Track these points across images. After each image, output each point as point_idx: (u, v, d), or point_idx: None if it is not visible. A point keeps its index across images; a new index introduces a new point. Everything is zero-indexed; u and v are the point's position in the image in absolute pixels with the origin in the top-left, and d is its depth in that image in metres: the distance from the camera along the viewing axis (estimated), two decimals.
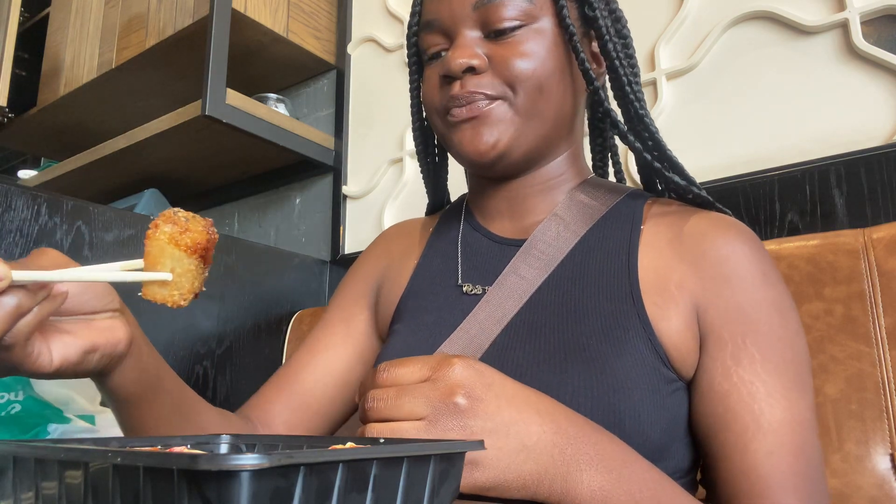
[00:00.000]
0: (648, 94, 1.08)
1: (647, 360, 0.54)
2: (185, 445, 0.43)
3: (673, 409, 0.54)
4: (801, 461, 0.51)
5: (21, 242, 0.96)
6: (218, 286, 1.23)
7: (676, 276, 0.58)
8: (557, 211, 0.65)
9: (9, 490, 0.34)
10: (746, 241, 0.58)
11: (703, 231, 0.59)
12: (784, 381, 0.52)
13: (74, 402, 0.70)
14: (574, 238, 0.63)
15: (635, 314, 0.56)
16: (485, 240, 0.68)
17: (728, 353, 0.54)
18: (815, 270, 0.75)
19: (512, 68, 0.60)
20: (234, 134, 1.39)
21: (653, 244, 0.60)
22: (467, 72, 0.61)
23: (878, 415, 0.69)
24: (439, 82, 0.63)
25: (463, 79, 0.61)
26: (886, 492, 0.67)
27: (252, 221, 1.72)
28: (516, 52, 0.60)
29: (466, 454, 0.38)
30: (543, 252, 0.62)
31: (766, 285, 0.56)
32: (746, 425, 0.52)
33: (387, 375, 0.46)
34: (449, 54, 0.61)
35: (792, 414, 0.52)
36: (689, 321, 0.56)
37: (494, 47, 0.61)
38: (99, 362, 0.49)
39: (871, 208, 0.86)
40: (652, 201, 0.66)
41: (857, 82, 0.90)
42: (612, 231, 0.63)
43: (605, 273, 0.60)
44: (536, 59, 0.60)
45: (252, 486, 0.24)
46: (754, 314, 0.55)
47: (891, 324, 0.70)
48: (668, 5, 1.08)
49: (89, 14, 1.71)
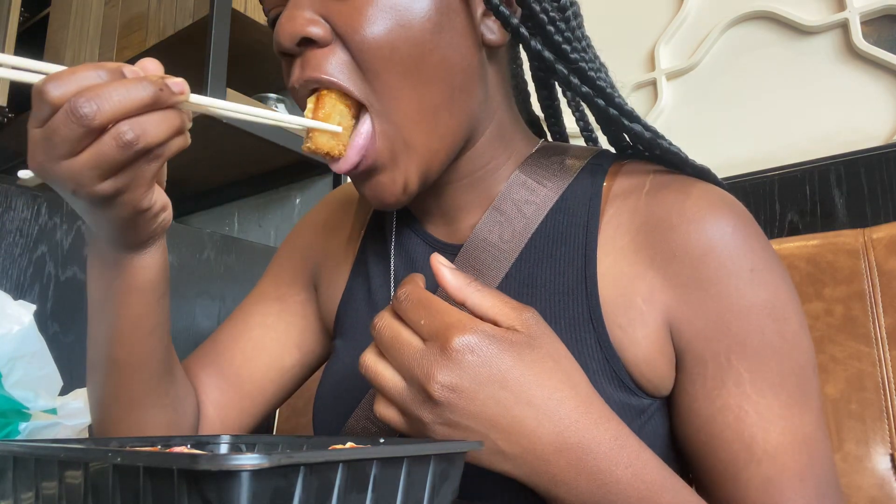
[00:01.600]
0: (648, 94, 1.08)
1: (613, 397, 0.47)
2: (185, 445, 0.43)
3: (650, 439, 0.47)
4: (809, 484, 0.44)
5: (21, 242, 0.96)
6: (218, 286, 1.22)
7: (644, 287, 0.48)
8: (497, 204, 0.53)
9: (9, 490, 0.34)
10: (729, 227, 0.47)
11: (673, 221, 0.47)
12: (781, 397, 0.45)
13: (39, 399, 0.70)
14: (520, 241, 0.52)
15: (596, 344, 0.48)
16: (419, 244, 0.58)
17: (709, 374, 0.46)
18: (815, 270, 0.75)
19: (365, 35, 0.45)
20: (234, 134, 1.39)
21: (614, 243, 0.49)
22: (304, 45, 0.46)
23: (878, 415, 0.69)
24: (284, 62, 0.50)
25: (302, 55, 0.47)
26: (886, 492, 0.67)
27: (252, 221, 1.72)
28: (366, 14, 0.45)
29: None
30: (484, 263, 0.52)
31: (754, 286, 0.46)
32: (736, 454, 0.45)
33: (400, 305, 0.40)
34: (278, 22, 0.47)
35: (793, 434, 0.44)
36: (662, 341, 0.48)
37: (339, 6, 0.46)
38: (160, 225, 0.46)
39: (871, 208, 0.86)
40: (615, 170, 0.53)
41: (857, 82, 0.90)
42: (565, 227, 0.51)
43: (559, 290, 0.50)
44: (395, 21, 0.45)
45: (252, 486, 0.24)
46: (739, 325, 0.46)
47: (891, 324, 0.70)
48: (668, 5, 1.08)
49: (89, 14, 1.71)
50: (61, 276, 1.00)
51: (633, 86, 1.09)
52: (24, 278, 0.96)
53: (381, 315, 0.42)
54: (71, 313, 1.01)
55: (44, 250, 0.99)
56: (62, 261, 1.00)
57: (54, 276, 0.99)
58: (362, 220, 0.65)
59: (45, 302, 0.98)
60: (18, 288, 0.95)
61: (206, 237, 1.23)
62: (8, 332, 0.70)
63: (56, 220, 1.01)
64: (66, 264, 1.01)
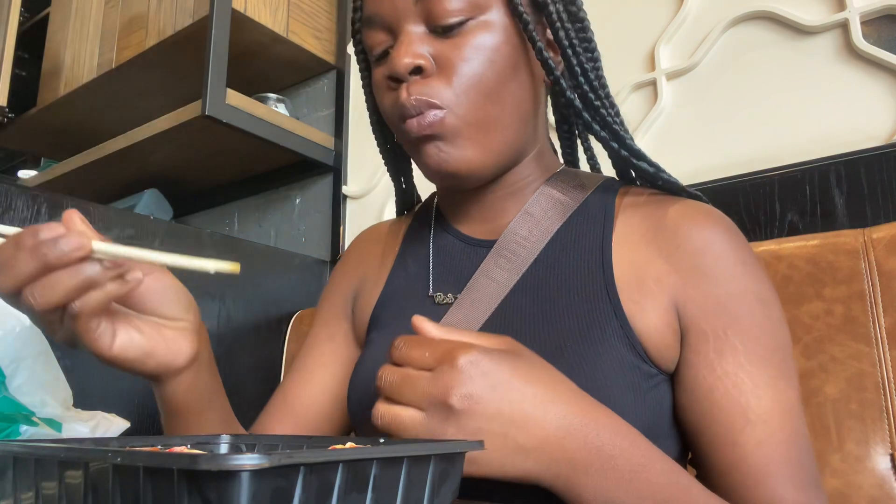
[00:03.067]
0: (648, 94, 1.08)
1: (626, 358, 0.54)
2: (185, 445, 0.43)
3: (655, 405, 0.54)
4: (792, 450, 0.50)
5: None
6: (218, 286, 1.22)
7: (653, 270, 0.56)
8: (528, 208, 0.63)
9: (9, 490, 0.34)
10: (722, 230, 0.57)
11: (676, 223, 0.57)
12: (770, 370, 0.52)
13: (46, 406, 0.70)
14: (546, 236, 0.61)
15: (612, 312, 0.55)
16: (457, 242, 0.67)
17: (711, 346, 0.53)
18: (815, 270, 0.75)
19: (459, 71, 0.56)
20: (234, 134, 1.39)
21: (627, 239, 0.59)
22: (413, 73, 0.57)
23: (878, 415, 0.69)
24: (387, 84, 0.60)
25: (409, 82, 0.57)
26: (886, 492, 0.67)
27: (252, 221, 1.72)
28: (462, 55, 0.56)
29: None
30: (515, 252, 0.61)
31: (745, 275, 0.55)
32: (734, 419, 0.51)
33: (399, 353, 0.46)
34: (392, 54, 0.58)
35: (780, 403, 0.51)
36: (668, 316, 0.55)
37: (441, 45, 0.57)
38: (154, 369, 0.53)
39: (871, 208, 0.86)
40: (623, 191, 0.63)
41: (857, 82, 0.90)
42: (584, 227, 0.61)
43: (579, 271, 0.58)
44: (485, 59, 0.57)
45: (252, 486, 0.24)
46: (734, 306, 0.54)
47: (891, 324, 0.70)
48: (668, 5, 1.08)
49: (89, 14, 1.71)
50: None
51: (633, 86, 1.09)
52: None
53: (382, 368, 0.46)
54: None
55: None
56: None
57: None
58: (399, 233, 0.75)
59: None
60: None
61: (206, 237, 1.23)
62: (11, 332, 0.69)
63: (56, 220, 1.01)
64: None
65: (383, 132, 0.72)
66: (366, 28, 0.61)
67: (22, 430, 0.68)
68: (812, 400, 0.72)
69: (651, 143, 1.06)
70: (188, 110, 1.35)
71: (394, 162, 0.75)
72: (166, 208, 1.72)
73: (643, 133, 1.07)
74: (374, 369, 0.63)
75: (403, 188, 0.77)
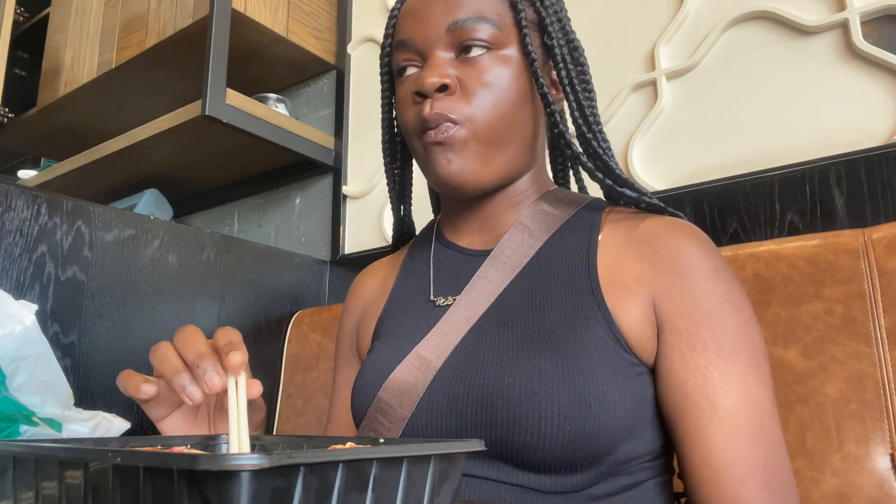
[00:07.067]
0: (649, 94, 1.08)
1: (609, 345, 0.57)
2: (185, 445, 0.43)
3: (637, 391, 0.57)
4: (759, 446, 0.52)
5: (21, 242, 0.96)
6: (218, 286, 1.22)
7: (634, 272, 0.61)
8: (522, 220, 0.69)
9: (9, 490, 0.34)
10: (696, 240, 0.62)
11: (656, 233, 0.63)
12: (738, 366, 0.55)
13: (46, 406, 0.70)
14: (538, 244, 0.67)
15: (595, 305, 0.60)
16: (456, 255, 0.72)
17: (684, 341, 0.57)
18: (815, 270, 0.75)
19: (478, 94, 0.64)
20: (234, 134, 1.39)
21: (611, 245, 0.64)
22: (439, 90, 0.64)
23: (878, 415, 0.69)
24: (412, 99, 0.66)
25: (434, 98, 0.64)
26: (886, 492, 0.67)
27: (252, 221, 1.72)
28: (482, 80, 0.64)
29: None
30: (509, 257, 0.67)
31: (716, 278, 0.59)
32: (703, 411, 0.54)
33: None
34: (423, 73, 0.64)
35: (748, 399, 0.54)
36: (647, 312, 0.59)
37: (464, 69, 0.65)
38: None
39: (871, 208, 0.86)
40: (609, 209, 0.69)
41: (857, 82, 0.90)
42: (573, 236, 0.66)
43: (567, 272, 0.63)
44: (500, 87, 0.64)
45: (252, 486, 0.24)
46: (706, 304, 0.58)
47: (891, 324, 0.70)
48: (668, 5, 1.08)
49: (89, 14, 1.71)
50: (61, 276, 1.00)
51: (633, 86, 1.09)
52: (24, 278, 0.96)
53: None
54: (71, 314, 1.01)
55: (44, 250, 0.99)
56: (62, 261, 1.00)
57: (54, 276, 0.99)
58: (395, 262, 0.81)
59: (45, 302, 0.97)
60: (18, 288, 0.95)
61: (206, 237, 1.23)
62: (10, 332, 0.69)
63: (56, 220, 1.01)
64: (66, 264, 1.01)
65: (393, 152, 0.78)
66: (397, 50, 0.68)
67: (22, 430, 0.68)
68: (812, 400, 0.72)
69: (651, 143, 1.06)
70: (188, 110, 1.35)
71: (397, 188, 0.80)
72: (166, 208, 1.72)
73: (643, 133, 1.07)
74: (376, 372, 0.66)
75: (402, 218, 0.82)
